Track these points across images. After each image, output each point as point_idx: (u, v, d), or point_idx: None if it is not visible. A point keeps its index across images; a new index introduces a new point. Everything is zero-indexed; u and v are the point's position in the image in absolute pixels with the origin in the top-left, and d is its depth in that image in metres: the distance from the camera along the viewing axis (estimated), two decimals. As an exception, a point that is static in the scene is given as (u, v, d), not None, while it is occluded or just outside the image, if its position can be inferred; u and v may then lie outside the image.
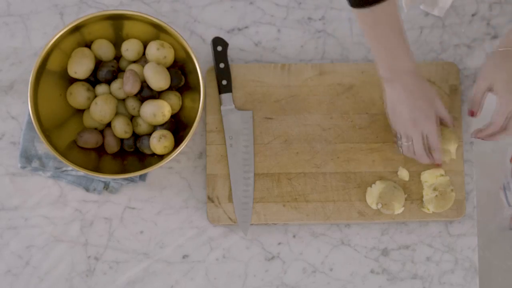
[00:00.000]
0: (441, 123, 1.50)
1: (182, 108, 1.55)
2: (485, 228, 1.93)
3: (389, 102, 1.46)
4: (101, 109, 1.50)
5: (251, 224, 1.54)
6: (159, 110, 1.50)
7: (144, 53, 1.55)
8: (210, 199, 1.54)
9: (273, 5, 1.63)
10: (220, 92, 1.57)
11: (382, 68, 1.43)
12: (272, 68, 1.58)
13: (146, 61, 1.55)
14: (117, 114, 1.54)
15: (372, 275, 1.55)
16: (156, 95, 1.53)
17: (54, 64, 1.51)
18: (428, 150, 1.47)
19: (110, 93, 1.54)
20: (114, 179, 1.55)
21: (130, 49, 1.54)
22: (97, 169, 1.49)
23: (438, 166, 1.53)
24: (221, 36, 1.60)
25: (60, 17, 1.62)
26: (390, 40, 1.39)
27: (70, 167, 1.53)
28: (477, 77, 1.48)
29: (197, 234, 1.56)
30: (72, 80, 1.55)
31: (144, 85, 1.52)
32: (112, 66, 1.54)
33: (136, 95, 1.53)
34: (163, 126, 1.52)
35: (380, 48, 1.41)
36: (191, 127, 1.48)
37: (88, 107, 1.54)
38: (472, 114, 1.48)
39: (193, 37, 1.61)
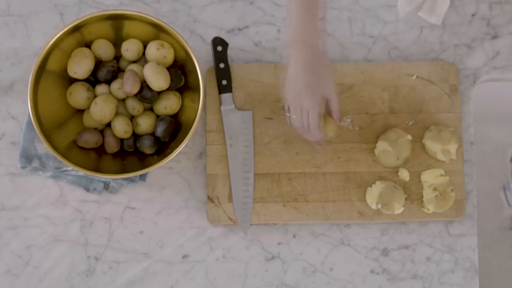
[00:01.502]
0: (329, 113, 1.48)
1: (182, 108, 1.55)
2: (485, 228, 1.93)
3: (288, 71, 1.44)
4: (100, 109, 1.50)
5: (251, 224, 1.54)
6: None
7: (144, 53, 1.55)
8: (210, 199, 1.54)
9: (273, 5, 1.63)
10: (220, 92, 1.57)
11: (290, 34, 1.43)
12: (272, 68, 1.58)
13: (146, 61, 1.55)
14: (117, 114, 1.54)
15: (372, 275, 1.55)
16: (156, 95, 1.53)
17: (54, 64, 1.51)
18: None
19: (110, 93, 1.54)
20: (114, 179, 1.55)
21: (130, 49, 1.54)
22: (97, 169, 1.49)
23: (319, 144, 1.52)
24: (221, 36, 1.60)
25: (60, 17, 1.62)
26: (303, 7, 1.40)
27: (70, 167, 1.53)
28: None
29: (197, 234, 1.56)
30: (72, 80, 1.55)
31: (144, 85, 1.52)
32: (112, 66, 1.54)
33: (136, 95, 1.53)
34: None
35: (293, 11, 1.41)
36: (191, 127, 1.48)
37: (88, 107, 1.54)
38: None
39: (193, 37, 1.61)
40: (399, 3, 1.59)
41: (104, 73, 1.53)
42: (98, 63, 1.55)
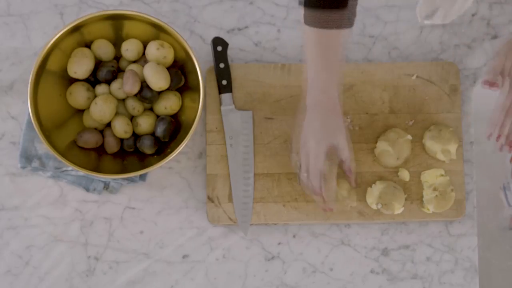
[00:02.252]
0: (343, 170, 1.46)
1: (182, 108, 1.55)
2: (485, 228, 1.93)
3: (303, 128, 1.42)
4: (100, 109, 1.50)
5: (251, 224, 1.54)
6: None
7: (144, 53, 1.55)
8: (210, 199, 1.54)
9: (273, 5, 1.63)
10: (220, 92, 1.57)
11: (310, 94, 1.39)
12: (272, 68, 1.58)
13: (146, 61, 1.55)
14: (117, 114, 1.54)
15: (372, 275, 1.55)
16: (156, 95, 1.53)
17: (54, 64, 1.51)
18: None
19: (110, 93, 1.54)
20: (114, 179, 1.55)
21: (130, 49, 1.54)
22: (97, 169, 1.49)
23: (328, 209, 1.48)
24: (221, 36, 1.60)
25: (60, 17, 1.62)
26: (329, 64, 1.36)
27: (70, 167, 1.53)
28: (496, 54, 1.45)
29: (197, 234, 1.56)
30: (72, 80, 1.55)
31: (144, 85, 1.52)
32: (112, 66, 1.54)
33: (136, 95, 1.53)
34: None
35: (312, 57, 1.36)
36: (191, 127, 1.48)
37: (88, 107, 1.54)
38: (491, 85, 1.41)
39: (193, 37, 1.61)
40: (417, 11, 1.56)
41: (104, 73, 1.53)
42: (98, 63, 1.55)
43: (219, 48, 1.57)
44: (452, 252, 1.55)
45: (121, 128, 1.52)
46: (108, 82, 1.54)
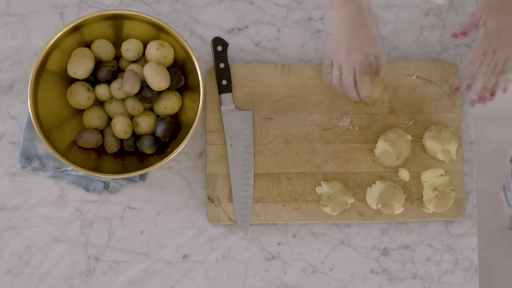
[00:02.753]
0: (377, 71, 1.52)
1: (182, 108, 1.55)
2: (485, 228, 1.93)
3: (334, 28, 1.49)
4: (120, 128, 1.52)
5: (251, 224, 1.54)
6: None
7: (144, 53, 1.55)
8: (210, 199, 1.54)
9: (273, 5, 1.63)
10: (220, 92, 1.57)
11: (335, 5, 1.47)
12: (272, 68, 1.58)
13: (146, 61, 1.55)
14: (117, 114, 1.54)
15: (372, 275, 1.55)
16: (156, 95, 1.53)
17: (54, 64, 1.51)
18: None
19: (110, 93, 1.54)
20: (114, 179, 1.55)
21: (130, 49, 1.54)
22: (97, 169, 1.49)
23: (367, 104, 1.55)
24: (221, 36, 1.60)
25: (60, 17, 1.62)
26: None
27: (70, 167, 1.53)
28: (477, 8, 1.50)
29: (197, 234, 1.56)
30: (72, 80, 1.55)
31: (144, 85, 1.52)
32: (112, 66, 1.54)
33: (136, 95, 1.53)
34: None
35: None
36: (191, 127, 1.48)
37: (88, 107, 1.54)
38: (463, 34, 1.48)
39: (193, 37, 1.61)
40: None
41: (104, 73, 1.53)
42: (98, 63, 1.55)
43: (219, 48, 1.57)
44: (452, 252, 1.55)
45: (121, 128, 1.52)
46: (108, 82, 1.54)
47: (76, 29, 1.51)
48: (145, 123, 1.53)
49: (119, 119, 1.52)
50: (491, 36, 1.47)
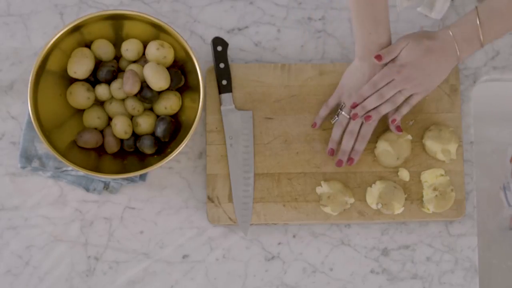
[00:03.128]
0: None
1: (182, 108, 1.55)
2: (485, 228, 1.93)
3: (349, 70, 1.51)
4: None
5: (251, 224, 1.54)
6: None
7: (144, 53, 1.56)
8: (210, 199, 1.54)
9: (273, 5, 1.63)
10: (220, 92, 1.57)
11: (359, 44, 1.48)
12: (272, 68, 1.58)
13: (146, 61, 1.55)
14: (117, 114, 1.54)
15: (372, 275, 1.55)
16: (156, 95, 1.53)
17: (54, 64, 1.51)
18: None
19: (110, 93, 1.54)
20: (114, 179, 1.55)
21: (130, 49, 1.54)
22: (97, 169, 1.49)
23: (350, 163, 1.53)
24: (221, 36, 1.60)
25: (60, 17, 1.62)
26: (375, 11, 1.44)
27: (70, 167, 1.53)
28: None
29: (197, 234, 1.56)
30: (72, 80, 1.55)
31: (144, 85, 1.52)
32: (112, 66, 1.54)
33: (136, 95, 1.53)
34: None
35: (364, 19, 1.45)
36: (191, 127, 1.48)
37: (88, 107, 1.54)
38: (378, 58, 1.47)
39: (193, 37, 1.61)
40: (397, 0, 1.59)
41: (104, 73, 1.53)
42: (98, 63, 1.55)
43: (219, 48, 1.57)
44: (452, 252, 1.55)
45: (121, 128, 1.52)
46: (108, 82, 1.54)
47: (76, 29, 1.51)
48: (145, 123, 1.53)
49: (119, 119, 1.53)
50: (394, 66, 1.47)
